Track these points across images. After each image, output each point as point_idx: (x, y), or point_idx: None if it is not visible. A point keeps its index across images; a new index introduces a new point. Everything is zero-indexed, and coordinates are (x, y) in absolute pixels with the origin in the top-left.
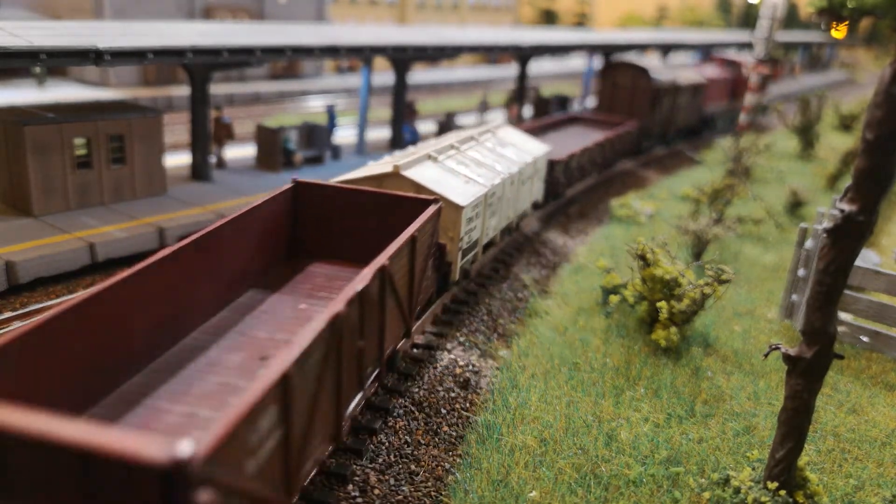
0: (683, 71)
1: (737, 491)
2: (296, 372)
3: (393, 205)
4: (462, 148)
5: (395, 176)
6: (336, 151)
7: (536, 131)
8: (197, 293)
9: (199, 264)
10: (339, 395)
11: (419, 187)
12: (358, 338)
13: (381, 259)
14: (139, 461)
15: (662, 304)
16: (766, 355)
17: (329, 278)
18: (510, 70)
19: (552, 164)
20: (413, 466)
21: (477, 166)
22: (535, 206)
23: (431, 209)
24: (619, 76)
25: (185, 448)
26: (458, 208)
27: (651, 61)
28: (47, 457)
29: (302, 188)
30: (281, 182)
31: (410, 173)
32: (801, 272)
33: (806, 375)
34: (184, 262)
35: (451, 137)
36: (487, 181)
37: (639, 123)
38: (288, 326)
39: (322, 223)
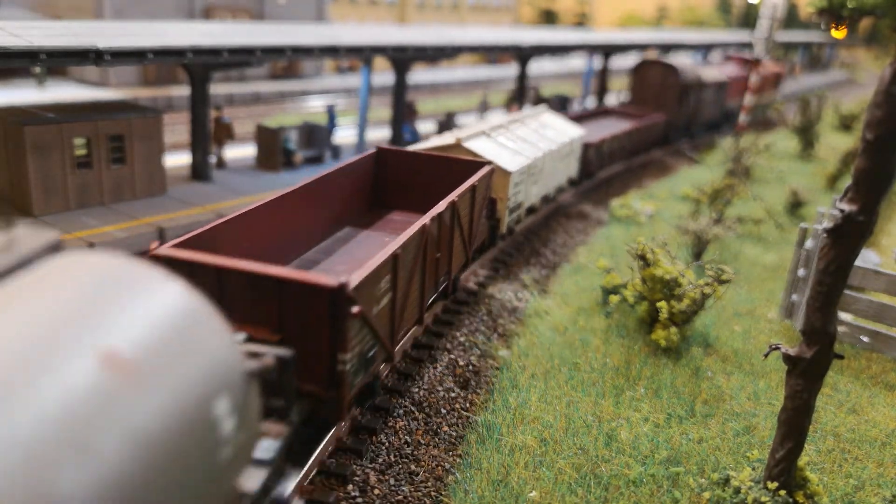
0: (708, 69)
1: (737, 491)
2: (401, 254)
3: (456, 167)
4: (510, 127)
5: (456, 147)
6: (336, 151)
7: (573, 119)
8: (312, 222)
9: (312, 201)
10: (424, 287)
11: (476, 156)
12: (436, 250)
13: (452, 196)
14: (318, 285)
15: (662, 304)
16: (766, 355)
17: (405, 223)
18: (510, 70)
19: (586, 147)
20: (413, 466)
21: (523, 143)
22: (571, 182)
23: (486, 168)
24: (649, 73)
25: (344, 279)
26: (507, 173)
27: (680, 60)
28: (258, 285)
29: (382, 153)
30: (281, 182)
31: (469, 144)
32: (801, 272)
33: (806, 375)
34: (303, 198)
35: (501, 119)
36: (531, 155)
37: (666, 117)
38: (379, 251)
39: (398, 181)
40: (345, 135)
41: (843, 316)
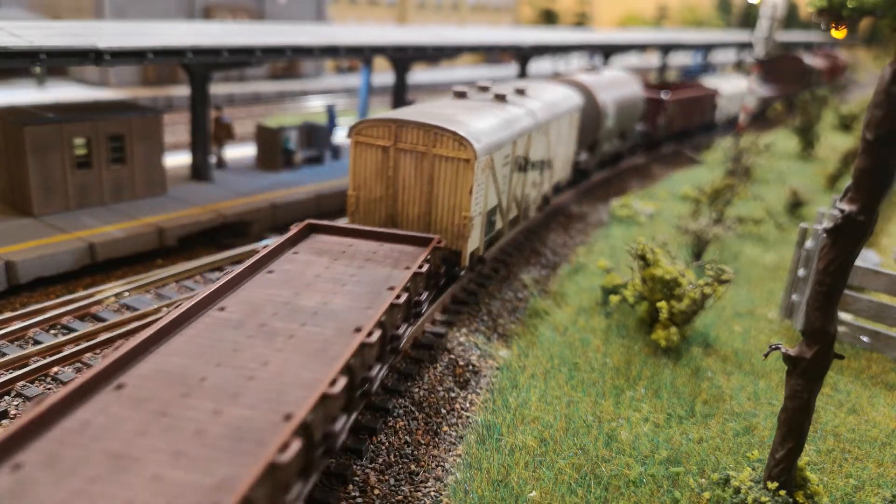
0: (813, 59)
1: (737, 491)
2: (679, 99)
3: (701, 89)
4: (724, 78)
5: (700, 83)
6: (336, 151)
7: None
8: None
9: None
10: (682, 121)
11: (709, 88)
12: (690, 110)
13: (696, 93)
14: (659, 99)
15: (662, 304)
16: (766, 355)
17: None
18: (510, 70)
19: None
20: (413, 466)
21: (727, 84)
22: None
23: (713, 90)
24: (783, 61)
25: (668, 96)
26: (720, 94)
27: (803, 53)
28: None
29: (662, 83)
30: (281, 182)
31: (703, 83)
32: (801, 272)
33: (806, 375)
34: None
35: (707, 77)
36: (731, 90)
37: (794, 89)
38: None
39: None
40: (345, 135)
41: (843, 316)
